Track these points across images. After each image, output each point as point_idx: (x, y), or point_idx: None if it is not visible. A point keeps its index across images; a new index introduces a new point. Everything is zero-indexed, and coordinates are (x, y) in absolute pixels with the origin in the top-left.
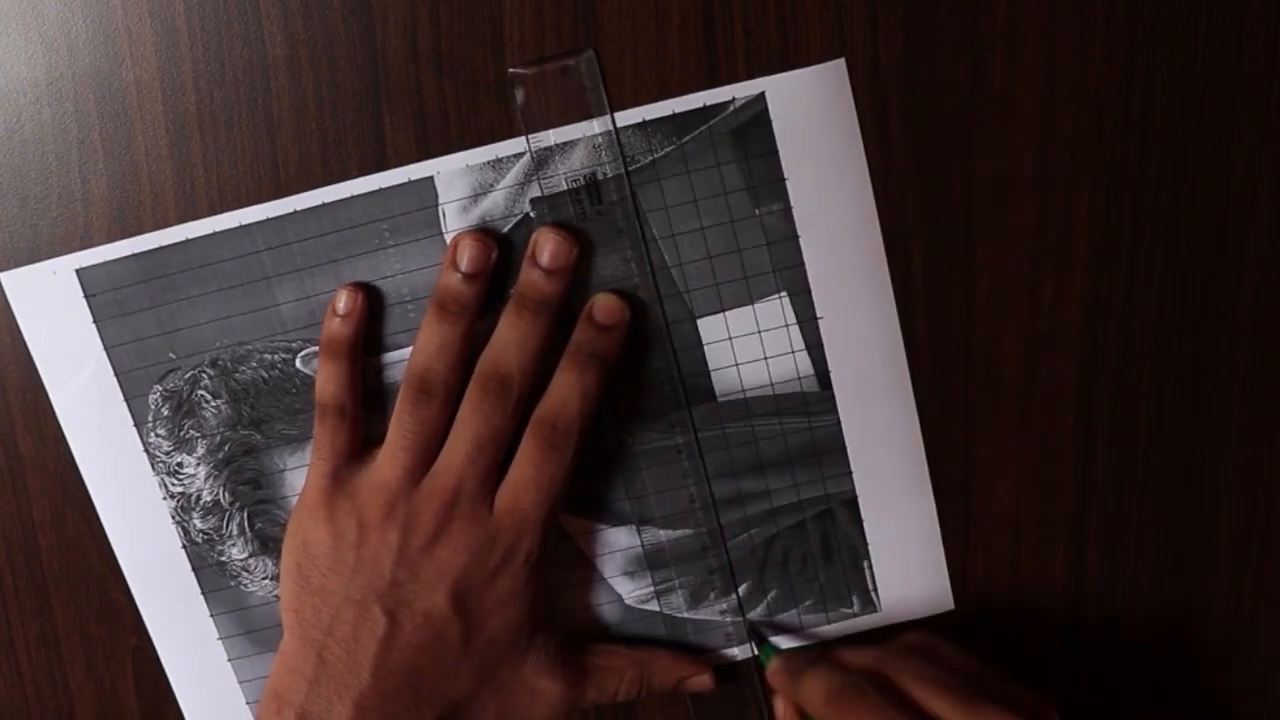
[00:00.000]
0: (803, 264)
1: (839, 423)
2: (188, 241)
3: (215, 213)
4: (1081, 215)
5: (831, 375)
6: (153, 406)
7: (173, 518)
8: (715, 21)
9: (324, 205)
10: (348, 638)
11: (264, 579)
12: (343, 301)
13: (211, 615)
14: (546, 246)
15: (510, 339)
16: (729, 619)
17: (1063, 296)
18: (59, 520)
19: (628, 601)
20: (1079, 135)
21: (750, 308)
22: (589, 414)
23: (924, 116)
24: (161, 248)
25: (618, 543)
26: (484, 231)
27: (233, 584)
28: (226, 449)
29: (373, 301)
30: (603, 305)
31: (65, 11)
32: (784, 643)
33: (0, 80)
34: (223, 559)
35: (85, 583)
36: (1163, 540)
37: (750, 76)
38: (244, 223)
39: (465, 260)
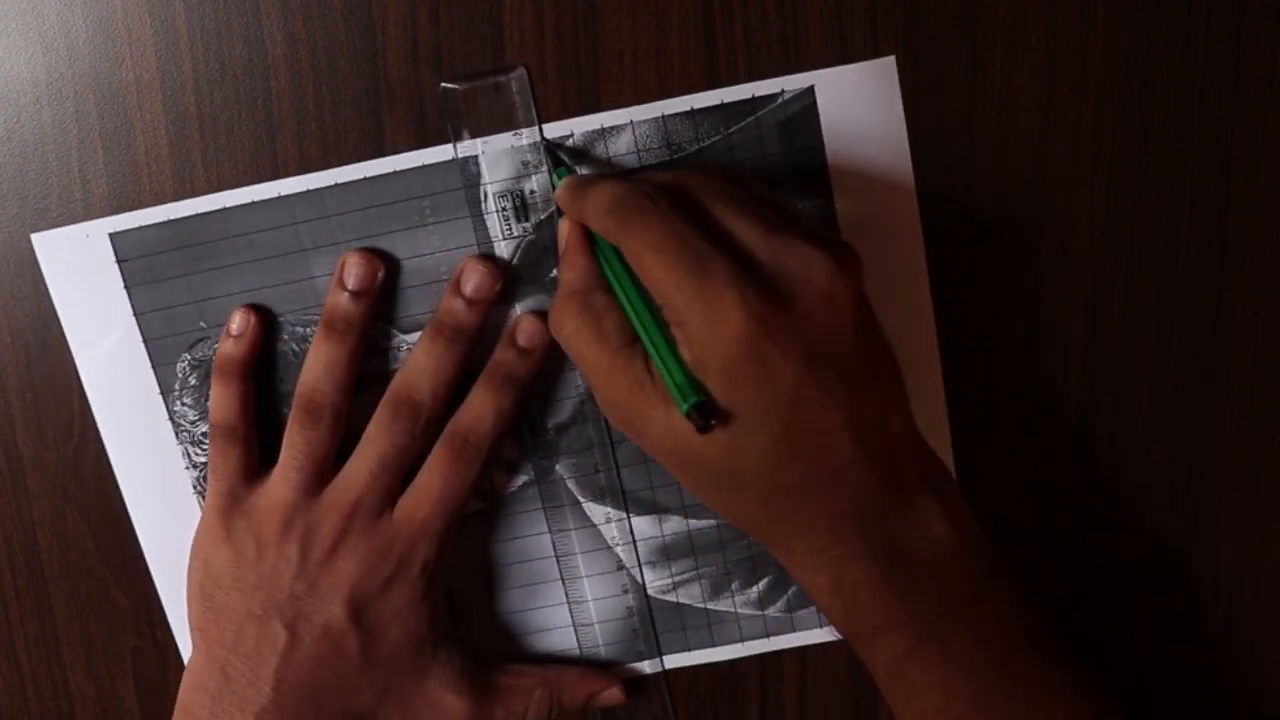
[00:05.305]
0: None
1: None
2: (225, 210)
3: None
4: (1082, 215)
5: None
6: (180, 375)
7: (194, 488)
8: (715, 21)
9: (365, 180)
10: (250, 653)
11: None
12: (236, 323)
13: None
14: (472, 277)
15: (424, 365)
16: (749, 611)
17: (1063, 296)
18: (59, 520)
19: (650, 591)
20: (1079, 135)
21: None
22: (500, 432)
23: (924, 116)
24: (198, 215)
25: (641, 532)
26: (371, 251)
27: None
28: None
29: (392, 279)
30: (525, 328)
31: (65, 11)
32: (795, 640)
33: (0, 80)
34: None
35: (85, 583)
36: (1163, 540)
37: (750, 77)
38: (283, 193)
39: (352, 278)
